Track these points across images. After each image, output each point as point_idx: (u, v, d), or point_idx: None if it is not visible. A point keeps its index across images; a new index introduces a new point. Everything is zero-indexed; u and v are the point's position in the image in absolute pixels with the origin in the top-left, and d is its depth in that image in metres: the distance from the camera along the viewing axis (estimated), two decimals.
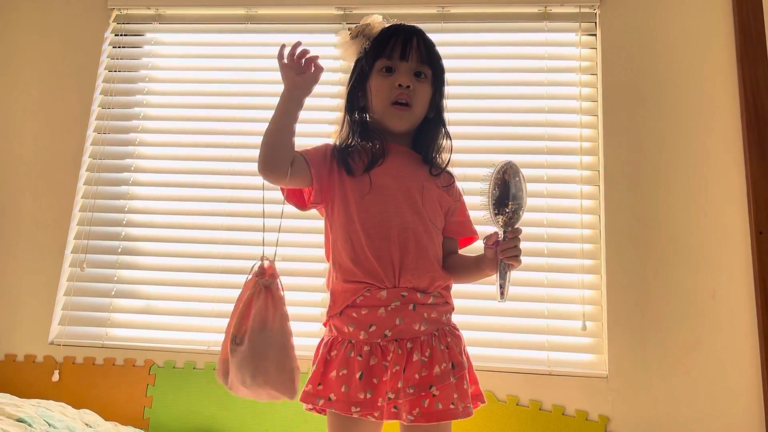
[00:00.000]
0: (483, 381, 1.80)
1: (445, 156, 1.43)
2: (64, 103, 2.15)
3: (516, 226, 1.28)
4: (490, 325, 1.88)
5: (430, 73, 1.39)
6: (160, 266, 2.03)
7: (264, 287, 1.24)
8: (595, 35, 2.04)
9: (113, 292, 2.02)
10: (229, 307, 1.91)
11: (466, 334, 1.85)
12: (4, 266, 2.05)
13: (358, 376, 1.22)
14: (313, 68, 1.30)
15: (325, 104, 2.08)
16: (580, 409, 1.77)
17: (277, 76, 2.14)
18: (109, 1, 2.19)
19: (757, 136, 1.85)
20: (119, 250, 2.05)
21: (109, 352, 1.94)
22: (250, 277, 1.29)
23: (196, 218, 2.05)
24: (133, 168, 2.12)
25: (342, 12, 2.11)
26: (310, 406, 1.28)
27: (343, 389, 1.21)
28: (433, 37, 1.45)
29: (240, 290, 1.31)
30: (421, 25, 2.05)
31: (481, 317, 1.88)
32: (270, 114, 2.05)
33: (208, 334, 1.94)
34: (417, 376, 1.24)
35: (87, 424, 1.64)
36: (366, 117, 1.41)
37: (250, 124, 2.10)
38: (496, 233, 1.30)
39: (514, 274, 1.88)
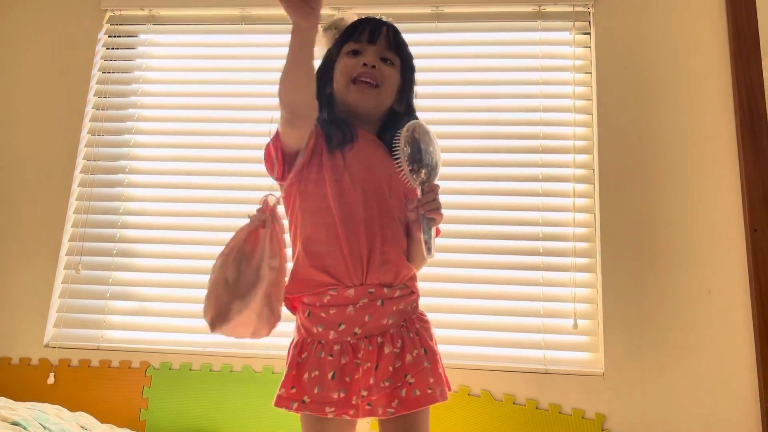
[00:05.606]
0: (479, 380, 1.82)
1: None
2: (58, 104, 2.14)
3: (433, 182, 1.26)
4: (487, 324, 1.88)
5: (398, 62, 1.37)
6: (156, 268, 2.03)
7: (262, 222, 1.24)
8: (589, 34, 2.04)
9: (108, 294, 2.01)
10: None
11: (462, 333, 1.87)
12: None
13: (330, 375, 1.22)
14: None
15: None
16: (576, 407, 1.78)
17: (271, 76, 2.16)
18: (103, 2, 2.19)
19: (751, 134, 1.86)
20: (114, 251, 2.04)
21: (104, 354, 1.94)
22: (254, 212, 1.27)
23: (191, 219, 2.05)
24: (127, 169, 2.11)
25: (336, 13, 2.11)
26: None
27: (316, 390, 1.21)
28: (427, 36, 1.44)
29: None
30: (415, 25, 2.06)
31: (477, 316, 1.89)
32: (265, 115, 2.09)
33: (204, 335, 1.93)
34: (391, 368, 1.23)
35: (83, 427, 1.63)
36: (333, 102, 1.38)
37: (245, 125, 2.09)
38: (416, 197, 1.27)
39: (509, 273, 1.91)
